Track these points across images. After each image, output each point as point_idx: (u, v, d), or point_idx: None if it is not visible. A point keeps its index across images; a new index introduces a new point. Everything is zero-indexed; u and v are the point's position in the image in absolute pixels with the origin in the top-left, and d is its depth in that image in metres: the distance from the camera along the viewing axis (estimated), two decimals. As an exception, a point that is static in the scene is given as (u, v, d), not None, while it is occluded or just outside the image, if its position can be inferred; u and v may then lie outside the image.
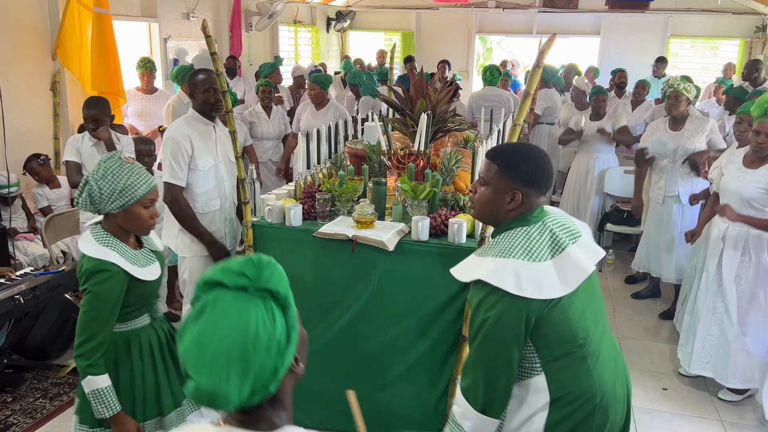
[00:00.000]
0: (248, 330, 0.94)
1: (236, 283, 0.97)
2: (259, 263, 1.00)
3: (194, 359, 0.94)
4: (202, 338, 0.94)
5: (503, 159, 1.78)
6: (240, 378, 0.93)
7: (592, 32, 9.99)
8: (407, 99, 3.34)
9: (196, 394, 0.94)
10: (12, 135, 4.47)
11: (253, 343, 0.94)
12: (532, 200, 1.77)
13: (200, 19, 7.10)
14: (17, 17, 4.64)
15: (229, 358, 0.93)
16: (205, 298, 0.98)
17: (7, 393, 3.28)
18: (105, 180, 1.89)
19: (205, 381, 0.93)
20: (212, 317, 0.95)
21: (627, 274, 5.23)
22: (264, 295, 0.98)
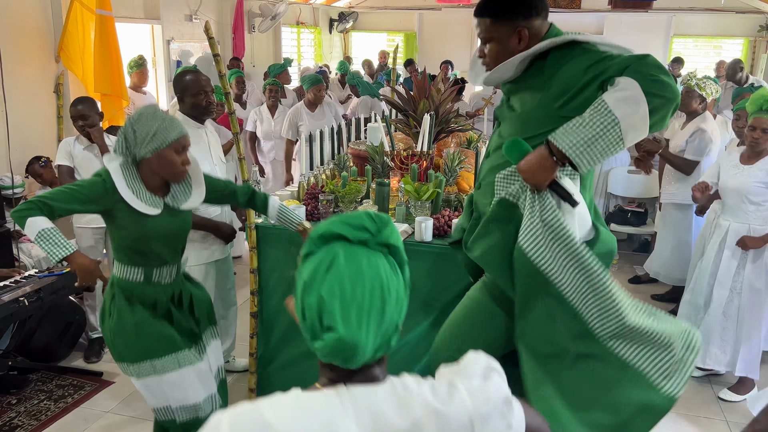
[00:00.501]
0: (384, 284, 0.95)
1: (358, 237, 0.96)
2: (379, 219, 0.99)
3: (336, 311, 0.93)
4: (344, 291, 0.93)
5: (490, 8, 1.74)
6: (376, 331, 0.94)
7: (595, 32, 9.97)
8: (410, 100, 3.34)
9: (336, 346, 0.93)
10: (16, 137, 4.49)
11: (388, 296, 0.95)
12: (539, 27, 1.73)
13: (203, 21, 7.11)
14: (21, 20, 4.66)
15: (370, 311, 0.93)
16: (328, 251, 0.97)
17: (12, 395, 3.29)
18: (139, 123, 1.98)
19: (350, 333, 0.92)
20: (348, 271, 0.94)
21: (631, 274, 5.21)
22: (384, 250, 0.98)
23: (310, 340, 0.97)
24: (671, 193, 4.36)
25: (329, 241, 0.98)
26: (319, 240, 0.99)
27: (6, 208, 4.21)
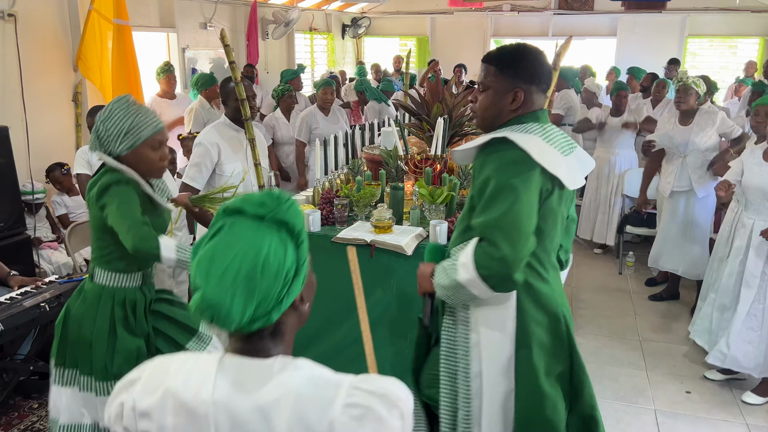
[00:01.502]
0: (259, 253, 0.97)
1: (255, 211, 1.01)
2: (279, 196, 1.04)
3: (204, 272, 0.97)
4: (215, 253, 0.98)
5: (500, 59, 1.74)
6: (244, 298, 0.96)
7: (609, 33, 9.93)
8: (423, 104, 3.36)
9: (201, 306, 0.97)
10: (35, 145, 4.57)
11: (262, 266, 0.97)
12: (534, 98, 1.73)
13: (217, 29, 7.20)
14: (40, 31, 4.74)
15: (236, 276, 0.96)
16: (222, 221, 1.02)
17: (34, 399, 3.34)
18: (110, 120, 1.90)
19: (211, 293, 0.96)
20: (227, 237, 0.99)
21: (647, 276, 5.18)
22: (279, 227, 1.01)
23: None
24: (668, 182, 4.48)
25: (230, 214, 1.02)
26: (222, 213, 1.04)
27: (27, 214, 4.28)
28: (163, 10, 6.36)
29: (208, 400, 0.99)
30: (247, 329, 0.99)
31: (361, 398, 0.98)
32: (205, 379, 1.00)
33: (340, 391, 0.99)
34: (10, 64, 4.46)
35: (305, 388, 0.99)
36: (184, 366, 1.04)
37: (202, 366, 1.03)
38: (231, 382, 0.99)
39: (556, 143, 1.70)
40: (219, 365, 1.01)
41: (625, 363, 3.82)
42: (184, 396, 1.00)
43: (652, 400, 3.43)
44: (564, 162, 1.67)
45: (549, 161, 1.62)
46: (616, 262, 5.53)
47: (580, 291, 4.96)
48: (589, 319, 4.45)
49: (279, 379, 0.99)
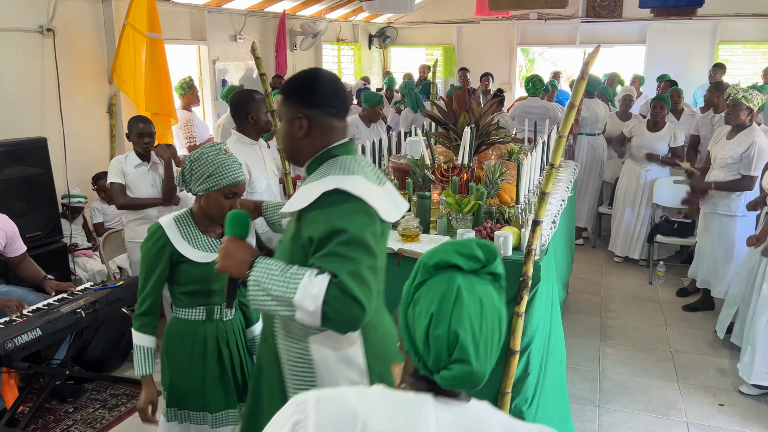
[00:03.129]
0: (500, 314, 1.01)
1: (471, 267, 1.02)
2: (488, 249, 1.04)
3: (470, 346, 0.97)
4: (473, 326, 0.98)
5: (285, 86, 1.68)
6: (495, 358, 1.00)
7: (638, 41, 9.83)
8: (450, 113, 3.38)
9: (467, 378, 0.97)
10: (72, 155, 4.70)
11: (503, 325, 1.02)
12: (323, 122, 1.62)
13: (246, 41, 7.33)
14: (77, 45, 4.89)
15: (493, 341, 1.00)
16: (447, 282, 1.01)
17: (69, 403, 3.42)
18: (198, 162, 2.03)
19: (480, 365, 0.98)
20: (473, 303, 0.99)
21: (678, 286, 5.10)
22: (492, 278, 1.04)
23: (431, 367, 1.00)
24: (713, 203, 4.33)
25: (442, 269, 1.02)
26: (433, 269, 1.03)
27: (64, 221, 4.42)
28: (195, 23, 6.50)
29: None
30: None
31: None
32: (421, 421, 0.98)
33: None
34: (49, 77, 4.61)
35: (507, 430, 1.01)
36: (373, 401, 1.00)
37: (404, 404, 1.00)
38: (451, 425, 0.99)
39: (372, 177, 1.62)
40: (435, 407, 1.00)
41: (655, 374, 3.76)
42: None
43: (684, 412, 3.37)
44: (382, 194, 1.61)
45: (379, 205, 1.56)
46: (646, 272, 5.45)
47: (610, 301, 4.90)
48: (618, 329, 4.39)
49: (489, 423, 1.01)
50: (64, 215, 4.42)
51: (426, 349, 1.00)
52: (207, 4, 6.51)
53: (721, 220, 4.34)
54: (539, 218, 2.38)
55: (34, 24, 4.50)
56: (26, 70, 4.47)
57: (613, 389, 3.59)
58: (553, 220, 3.09)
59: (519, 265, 2.46)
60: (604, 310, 4.72)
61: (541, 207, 2.38)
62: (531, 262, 2.41)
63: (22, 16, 4.41)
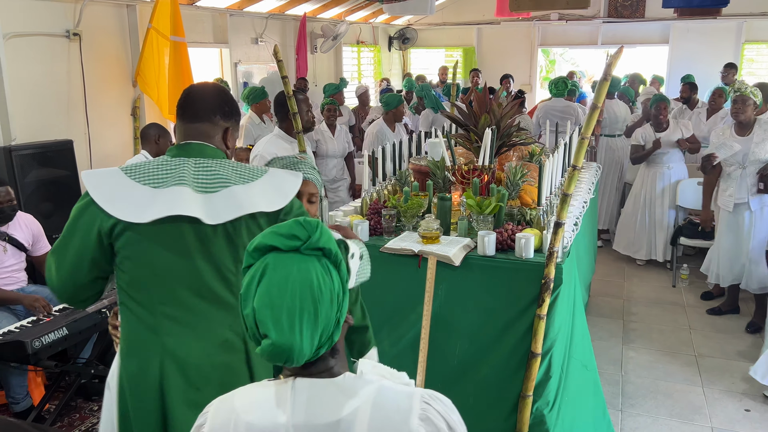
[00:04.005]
0: (312, 286, 1.01)
1: (289, 245, 1.03)
2: (309, 225, 1.05)
3: (268, 321, 1.00)
4: (272, 299, 1.00)
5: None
6: (311, 331, 1.00)
7: (660, 41, 9.70)
8: (471, 114, 3.37)
9: (272, 351, 1.00)
10: (97, 157, 4.78)
11: (319, 298, 1.01)
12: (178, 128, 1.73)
13: (268, 44, 7.39)
14: (103, 49, 4.97)
15: (301, 315, 1.00)
16: (261, 262, 1.04)
17: (94, 401, 3.48)
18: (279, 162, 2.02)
19: (282, 338, 0.99)
20: (276, 278, 1.01)
21: (702, 290, 5.02)
22: (317, 254, 1.04)
23: (254, 346, 1.04)
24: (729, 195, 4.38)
25: (263, 252, 1.04)
26: (254, 252, 1.05)
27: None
28: (217, 27, 6.57)
29: (287, 423, 1.02)
30: (314, 357, 1.03)
31: (432, 415, 1.03)
32: (279, 405, 1.03)
33: (414, 403, 1.03)
34: (75, 80, 4.69)
35: (379, 399, 1.02)
36: (250, 398, 1.07)
37: (271, 393, 1.06)
38: (306, 403, 1.03)
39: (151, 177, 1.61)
40: (292, 390, 1.04)
41: (679, 379, 3.71)
42: (257, 422, 1.03)
43: (708, 417, 3.32)
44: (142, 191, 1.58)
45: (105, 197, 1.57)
46: (669, 275, 5.38)
47: (632, 304, 4.85)
48: (641, 333, 4.34)
49: (352, 394, 1.03)
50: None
51: (246, 332, 1.04)
52: (229, 7, 6.57)
53: (744, 209, 4.33)
54: (561, 220, 2.37)
55: (61, 29, 4.58)
56: (53, 73, 4.56)
57: (636, 393, 3.55)
58: (575, 222, 3.07)
59: (540, 267, 2.45)
60: (626, 313, 4.67)
61: (564, 209, 2.37)
62: (553, 265, 2.40)
63: (49, 21, 4.50)
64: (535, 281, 2.45)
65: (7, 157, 3.86)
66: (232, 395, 1.09)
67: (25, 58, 4.33)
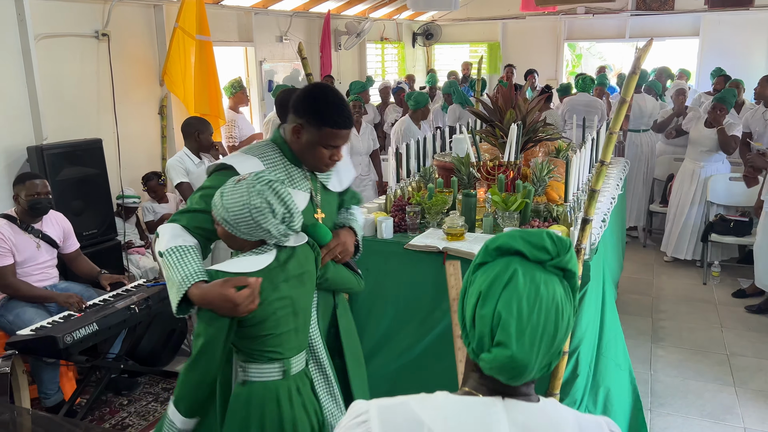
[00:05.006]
0: (558, 308, 0.95)
1: (537, 256, 0.97)
2: (560, 242, 0.98)
3: (512, 329, 0.93)
4: (521, 310, 0.93)
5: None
6: (545, 354, 0.94)
7: (691, 33, 9.50)
8: (496, 110, 3.34)
9: (506, 363, 0.93)
10: (125, 156, 4.85)
11: (561, 321, 0.95)
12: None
13: (293, 42, 7.41)
14: (130, 48, 5.04)
15: (543, 335, 0.93)
16: (506, 265, 0.97)
17: (124, 396, 3.53)
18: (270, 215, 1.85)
19: (521, 354, 0.92)
20: (527, 289, 0.94)
21: (735, 288, 4.91)
22: (560, 274, 0.98)
23: (475, 349, 0.97)
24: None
25: (505, 254, 0.98)
26: (495, 251, 0.99)
27: (123, 216, 4.57)
28: (242, 26, 6.62)
29: None
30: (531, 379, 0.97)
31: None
32: (489, 423, 0.95)
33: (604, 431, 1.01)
34: (104, 80, 4.76)
35: (579, 427, 0.98)
36: (439, 409, 0.97)
37: (473, 410, 0.96)
38: (523, 428, 0.95)
39: None
40: (505, 410, 0.96)
41: (710, 378, 3.64)
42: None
43: (741, 418, 3.25)
44: None
45: None
46: (699, 272, 5.27)
47: (661, 302, 4.76)
48: (670, 331, 4.26)
49: (561, 422, 0.98)
50: (118, 214, 4.57)
51: (472, 330, 0.97)
52: (254, 6, 6.61)
53: None
54: (589, 216, 2.33)
55: (90, 29, 4.65)
56: (83, 73, 4.64)
57: (666, 393, 3.49)
58: (603, 219, 3.02)
59: (567, 264, 2.42)
60: (655, 311, 4.59)
61: (591, 205, 2.33)
62: (580, 262, 2.36)
63: (79, 22, 4.57)
64: (562, 278, 2.41)
65: (39, 156, 3.94)
66: (402, 402, 0.98)
67: (56, 59, 4.41)
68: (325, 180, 2.04)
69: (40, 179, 3.34)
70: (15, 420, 2.01)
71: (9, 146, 4.06)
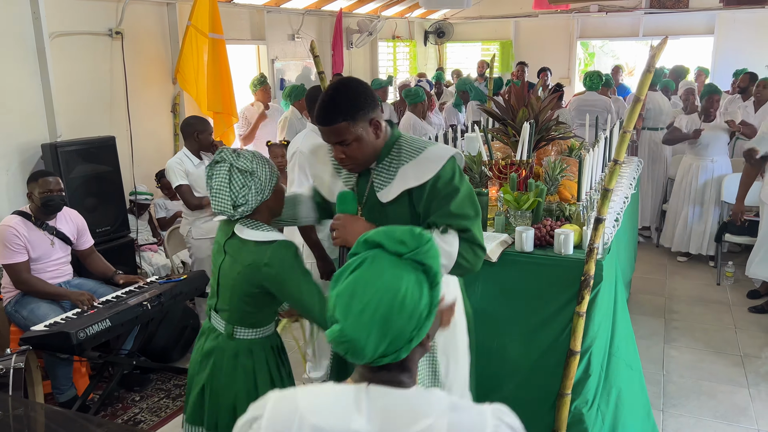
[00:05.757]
0: (397, 294, 1.01)
1: (395, 249, 1.04)
2: (420, 236, 1.06)
3: (344, 306, 1.02)
4: (355, 289, 1.02)
5: (341, 113, 1.76)
6: (378, 336, 1.00)
7: (705, 32, 9.41)
8: (509, 108, 3.33)
9: (338, 339, 1.01)
10: (138, 153, 4.88)
11: (399, 307, 1.00)
12: (382, 115, 1.87)
13: (305, 40, 7.42)
14: (144, 47, 5.07)
15: (374, 315, 1.00)
16: (365, 254, 1.06)
17: (136, 392, 3.56)
18: (257, 171, 1.90)
19: (349, 329, 1.00)
20: (368, 272, 1.03)
21: (749, 288, 4.87)
22: (417, 267, 1.04)
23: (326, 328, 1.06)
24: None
25: (370, 246, 1.07)
26: (362, 244, 1.08)
27: (136, 213, 4.61)
28: (254, 24, 6.64)
29: (361, 430, 1.00)
30: (376, 363, 1.03)
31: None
32: (352, 410, 1.02)
33: (487, 419, 1.02)
34: (117, 78, 4.80)
35: (454, 416, 1.01)
36: (316, 399, 1.05)
37: (341, 397, 1.04)
38: (382, 412, 1.01)
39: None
40: (366, 396, 1.03)
41: (724, 379, 3.60)
42: (326, 426, 1.01)
43: (755, 419, 3.22)
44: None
45: None
46: (713, 272, 5.23)
47: (674, 302, 4.73)
48: (684, 331, 4.23)
49: (426, 408, 1.02)
50: (131, 211, 4.60)
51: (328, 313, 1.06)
52: (266, 4, 6.63)
53: None
54: (602, 216, 2.32)
55: (104, 27, 4.69)
56: (97, 71, 4.67)
57: (678, 393, 3.47)
58: (616, 218, 3.00)
59: (580, 264, 2.41)
60: (668, 311, 4.56)
61: (604, 204, 2.32)
62: (593, 261, 2.35)
63: (93, 20, 4.61)
64: (575, 278, 2.40)
65: (53, 153, 3.97)
66: (293, 393, 1.08)
67: (70, 57, 4.44)
68: (378, 186, 1.90)
69: (53, 176, 3.36)
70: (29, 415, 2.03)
71: (24, 143, 4.09)
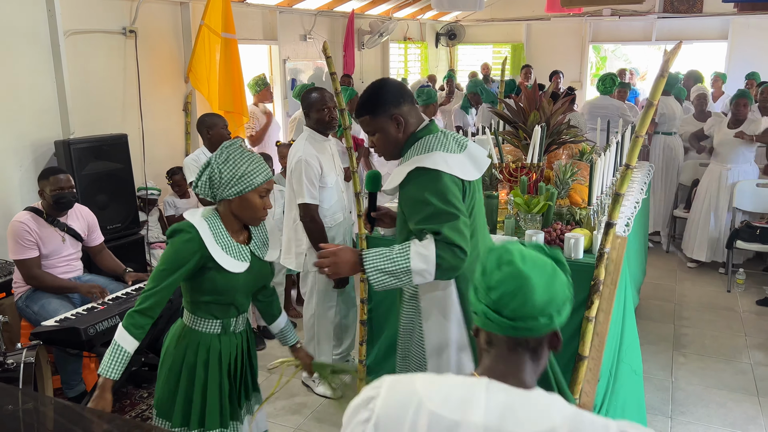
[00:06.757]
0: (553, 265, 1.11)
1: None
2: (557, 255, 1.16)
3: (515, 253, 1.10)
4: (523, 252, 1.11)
5: (365, 108, 1.99)
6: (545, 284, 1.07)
7: (719, 37, 9.35)
8: (520, 111, 3.32)
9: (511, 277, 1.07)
10: (150, 152, 4.91)
11: (557, 274, 1.10)
12: (411, 112, 2.00)
13: (317, 40, 7.44)
14: (157, 45, 5.10)
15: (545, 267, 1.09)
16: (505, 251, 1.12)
17: (144, 389, 3.58)
18: (227, 165, 1.91)
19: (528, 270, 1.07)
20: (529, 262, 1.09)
21: (760, 296, 4.83)
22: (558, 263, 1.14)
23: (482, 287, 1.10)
24: None
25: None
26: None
27: (145, 209, 4.63)
28: (266, 24, 6.66)
29: (478, 423, 1.00)
30: (523, 331, 1.06)
31: None
32: (472, 402, 1.02)
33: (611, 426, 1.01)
34: (130, 76, 4.83)
35: (576, 425, 0.99)
36: (436, 385, 1.06)
37: (461, 387, 1.05)
38: (502, 409, 1.01)
39: (452, 147, 1.96)
40: (486, 391, 1.03)
41: (733, 387, 3.58)
42: (444, 414, 1.02)
43: (764, 428, 3.19)
44: (461, 159, 1.95)
45: (458, 169, 1.91)
46: (723, 279, 5.19)
47: (684, 308, 4.70)
48: (693, 338, 4.20)
49: (548, 413, 1.01)
50: (140, 208, 4.63)
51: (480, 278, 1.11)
52: (279, 4, 6.65)
53: None
54: (613, 220, 2.31)
55: (117, 26, 4.72)
56: (110, 69, 4.70)
57: (687, 400, 3.44)
58: (627, 223, 2.99)
59: (590, 268, 2.40)
60: (677, 318, 4.53)
61: (615, 209, 2.31)
62: (603, 266, 2.34)
63: (107, 19, 4.64)
64: (584, 283, 2.39)
65: (66, 150, 4.00)
66: (411, 378, 1.09)
67: (84, 55, 4.48)
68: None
69: (64, 174, 3.38)
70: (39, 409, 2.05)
71: (37, 140, 4.13)
